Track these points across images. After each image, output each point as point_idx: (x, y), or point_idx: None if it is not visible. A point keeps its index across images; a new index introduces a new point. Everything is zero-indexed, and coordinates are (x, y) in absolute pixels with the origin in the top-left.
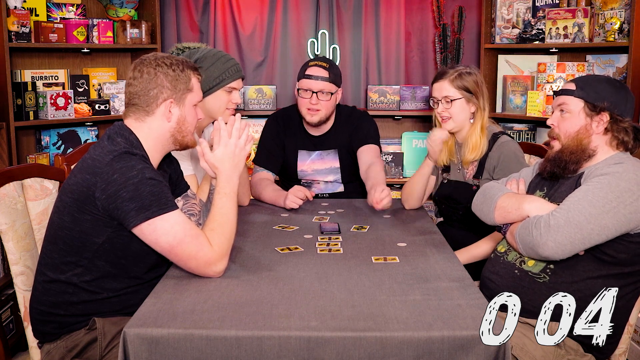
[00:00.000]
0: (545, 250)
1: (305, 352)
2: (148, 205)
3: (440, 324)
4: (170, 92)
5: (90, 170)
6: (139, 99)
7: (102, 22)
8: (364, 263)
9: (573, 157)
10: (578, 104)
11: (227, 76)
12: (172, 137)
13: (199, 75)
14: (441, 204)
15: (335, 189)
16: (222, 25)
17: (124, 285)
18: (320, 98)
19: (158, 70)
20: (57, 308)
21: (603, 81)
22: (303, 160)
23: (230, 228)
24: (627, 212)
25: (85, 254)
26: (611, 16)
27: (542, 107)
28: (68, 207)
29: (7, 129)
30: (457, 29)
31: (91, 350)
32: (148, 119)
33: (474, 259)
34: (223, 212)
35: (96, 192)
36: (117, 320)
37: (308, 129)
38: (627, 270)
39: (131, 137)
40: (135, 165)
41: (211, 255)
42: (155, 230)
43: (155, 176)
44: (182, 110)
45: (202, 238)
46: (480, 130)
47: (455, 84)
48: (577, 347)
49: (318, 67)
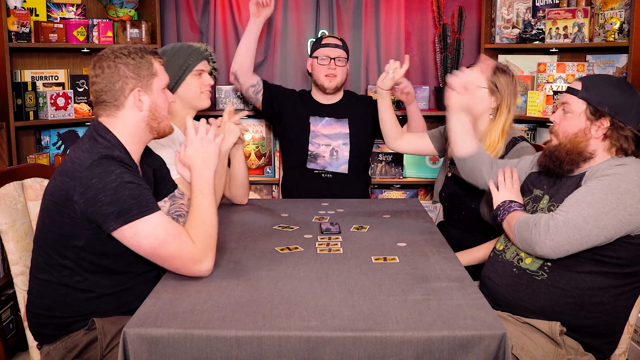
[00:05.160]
0: (542, 249)
1: (305, 352)
2: (128, 209)
3: (440, 324)
4: (135, 81)
5: (70, 173)
6: (106, 95)
7: (102, 22)
8: (363, 263)
9: (568, 158)
10: (580, 105)
11: (191, 61)
12: (148, 126)
13: (160, 59)
14: (444, 201)
15: (339, 165)
16: (222, 25)
17: (115, 283)
18: (337, 64)
19: (118, 62)
20: (53, 310)
21: (611, 84)
22: (315, 123)
23: (210, 224)
24: (627, 213)
25: (69, 256)
26: (611, 16)
27: (542, 107)
28: (49, 211)
29: (7, 129)
30: (457, 29)
31: (91, 351)
32: (120, 113)
33: (475, 262)
34: (201, 209)
35: (75, 195)
36: (116, 320)
37: (319, 99)
38: (627, 270)
39: (108, 136)
40: (114, 170)
41: (195, 252)
42: (137, 233)
43: (135, 179)
44: (152, 97)
45: (184, 236)
46: (501, 131)
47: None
48: (577, 347)
49: (332, 38)
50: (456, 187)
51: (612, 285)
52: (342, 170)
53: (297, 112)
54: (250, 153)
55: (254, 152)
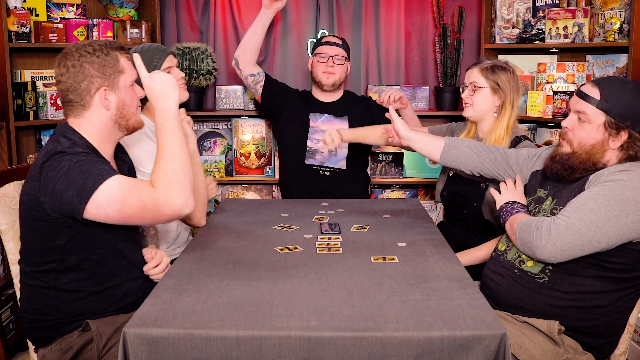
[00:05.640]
0: (543, 254)
1: (305, 352)
2: (83, 185)
3: (440, 324)
4: (101, 80)
5: (30, 176)
6: (72, 94)
7: (102, 22)
8: (363, 263)
9: (582, 167)
10: (599, 117)
11: (156, 62)
12: (116, 124)
13: (127, 54)
14: (446, 200)
15: (337, 161)
16: (222, 25)
17: (102, 280)
18: (335, 62)
19: (82, 60)
20: (45, 313)
21: (628, 91)
22: (314, 120)
23: (171, 161)
24: (629, 221)
25: (54, 258)
26: (611, 16)
27: (542, 107)
28: (25, 219)
29: (7, 129)
30: (457, 29)
31: (87, 352)
32: (86, 113)
33: (476, 261)
34: (163, 147)
35: (40, 196)
36: (110, 320)
37: (319, 97)
38: (628, 275)
39: (74, 136)
40: (63, 158)
41: (156, 195)
42: (99, 204)
43: (85, 157)
44: (119, 95)
45: (141, 184)
46: (506, 127)
47: (485, 74)
48: (576, 346)
49: (332, 37)
50: (458, 186)
51: (613, 289)
52: (340, 166)
53: (297, 108)
54: (250, 153)
55: (254, 152)
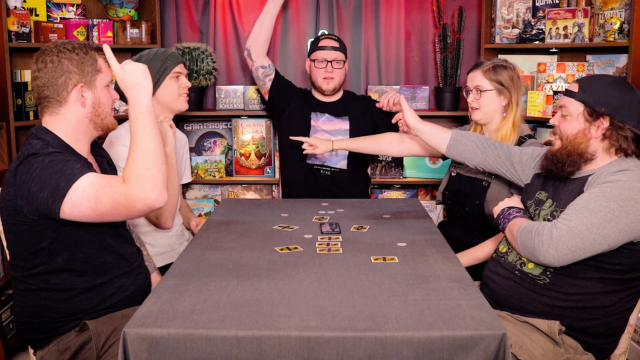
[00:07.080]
0: (545, 258)
1: (305, 352)
2: (56, 185)
3: (440, 324)
4: (79, 77)
5: (6, 182)
6: (49, 90)
7: (102, 22)
8: (363, 263)
9: (570, 160)
10: (578, 107)
11: (168, 64)
12: (91, 122)
13: (104, 56)
14: (448, 199)
15: (338, 161)
16: (222, 25)
17: (92, 277)
18: (334, 67)
19: (61, 56)
20: (39, 315)
21: (608, 84)
22: (315, 119)
23: (142, 156)
24: (629, 221)
25: (41, 261)
26: (611, 16)
27: (542, 107)
28: (7, 225)
29: (7, 129)
30: (457, 29)
31: (86, 353)
32: (62, 109)
33: (476, 261)
34: (134, 141)
35: (17, 200)
36: (107, 319)
37: (319, 97)
38: (628, 276)
39: (47, 137)
40: (36, 160)
41: (127, 190)
42: (74, 203)
43: (57, 157)
44: (95, 93)
45: (112, 181)
46: (512, 125)
47: (488, 76)
48: (577, 346)
49: (329, 39)
50: (461, 185)
51: (614, 290)
52: (341, 166)
53: (299, 108)
54: (250, 153)
55: (254, 152)
